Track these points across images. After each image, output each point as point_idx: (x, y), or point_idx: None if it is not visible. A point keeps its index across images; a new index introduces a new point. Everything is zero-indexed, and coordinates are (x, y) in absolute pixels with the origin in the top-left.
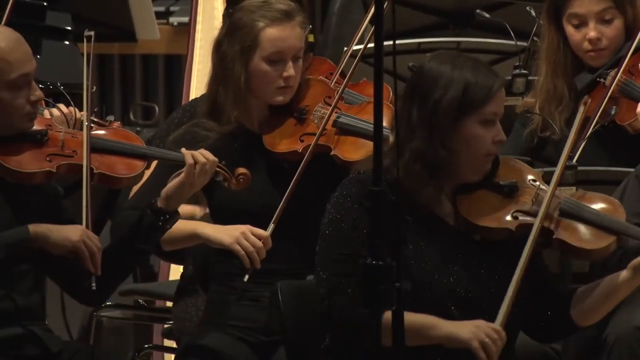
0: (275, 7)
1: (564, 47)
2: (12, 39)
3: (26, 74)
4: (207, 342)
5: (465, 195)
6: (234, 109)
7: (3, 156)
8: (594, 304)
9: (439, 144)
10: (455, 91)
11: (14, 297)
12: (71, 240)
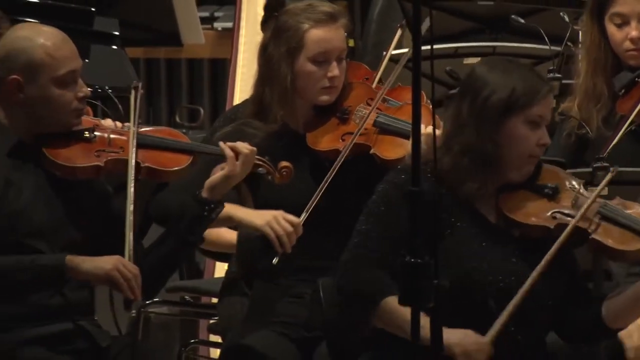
0: (319, 9)
1: (605, 47)
2: (58, 38)
3: (73, 70)
4: (252, 338)
5: (507, 193)
6: (280, 108)
7: (53, 150)
8: (625, 307)
9: (487, 139)
10: (504, 91)
11: (64, 293)
12: (104, 269)
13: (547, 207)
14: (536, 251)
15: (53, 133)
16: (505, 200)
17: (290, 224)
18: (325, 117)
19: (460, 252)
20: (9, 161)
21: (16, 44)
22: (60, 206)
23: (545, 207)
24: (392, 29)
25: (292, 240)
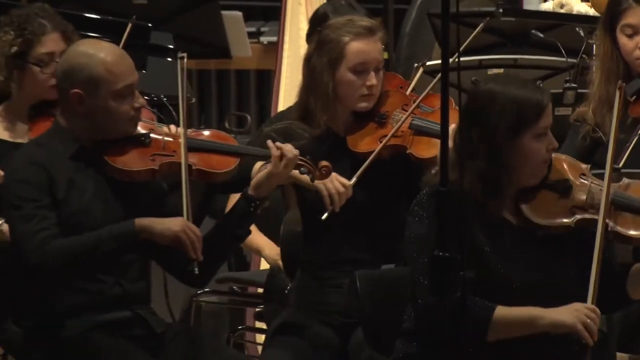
0: (359, 23)
1: (617, 56)
2: (116, 54)
3: (130, 84)
4: (294, 322)
5: (526, 199)
6: (323, 114)
7: (111, 157)
8: None
9: (500, 165)
10: (510, 114)
11: (122, 283)
12: (173, 230)
13: (564, 205)
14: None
15: (111, 140)
16: (524, 206)
17: (342, 184)
18: (364, 121)
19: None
20: (72, 165)
21: (78, 59)
22: (119, 204)
23: (562, 205)
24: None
25: (342, 199)
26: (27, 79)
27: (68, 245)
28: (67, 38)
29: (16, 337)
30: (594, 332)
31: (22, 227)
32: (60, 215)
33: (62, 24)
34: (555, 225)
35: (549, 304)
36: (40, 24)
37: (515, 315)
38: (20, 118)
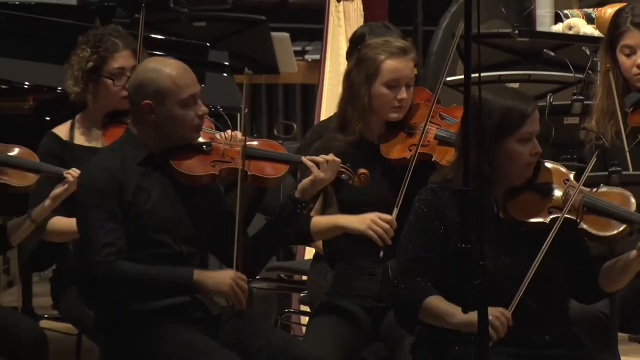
0: (393, 44)
1: (617, 72)
2: (181, 68)
3: (193, 94)
4: (334, 306)
5: (511, 197)
6: (358, 123)
7: (177, 162)
8: (615, 276)
9: (484, 162)
10: (496, 119)
11: None
12: (222, 290)
13: (543, 205)
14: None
15: (177, 146)
16: (509, 203)
17: (386, 222)
18: (395, 131)
19: None
20: (141, 170)
21: (148, 74)
22: (181, 206)
23: (542, 204)
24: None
25: (390, 234)
26: (101, 91)
27: (130, 273)
28: (136, 54)
29: (89, 320)
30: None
31: (90, 235)
32: (128, 216)
33: (132, 42)
34: (533, 222)
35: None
36: (113, 42)
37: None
38: (94, 125)
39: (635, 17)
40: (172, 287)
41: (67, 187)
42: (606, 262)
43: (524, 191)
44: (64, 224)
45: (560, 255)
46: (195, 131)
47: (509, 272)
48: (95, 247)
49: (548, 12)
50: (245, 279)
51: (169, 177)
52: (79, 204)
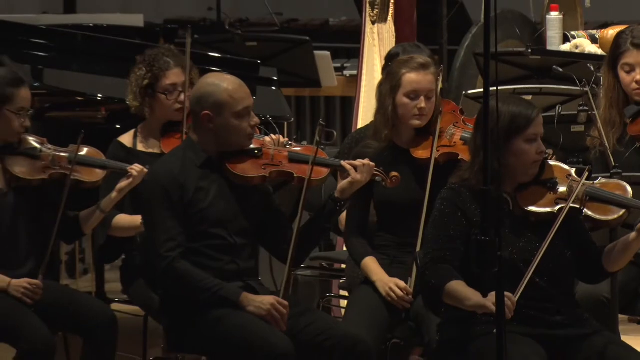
0: (416, 60)
1: (618, 87)
2: (236, 83)
3: (247, 106)
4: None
5: (522, 192)
6: (385, 129)
7: (232, 165)
8: (616, 256)
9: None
10: (504, 121)
11: (237, 262)
12: (260, 314)
13: (550, 197)
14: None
15: (233, 151)
16: (520, 197)
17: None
18: (423, 136)
19: None
20: (200, 172)
21: (207, 88)
22: (235, 203)
23: (549, 197)
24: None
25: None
26: (157, 105)
27: (187, 277)
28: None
29: (154, 303)
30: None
31: (153, 231)
32: (188, 212)
33: (183, 60)
34: (542, 212)
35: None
36: (165, 61)
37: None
38: (152, 134)
39: (634, 38)
40: (220, 300)
41: (131, 181)
42: (608, 245)
43: (531, 186)
44: (127, 221)
45: (566, 241)
46: (249, 139)
47: (522, 258)
48: (158, 242)
49: (557, 34)
50: (285, 304)
51: (225, 179)
52: (145, 202)
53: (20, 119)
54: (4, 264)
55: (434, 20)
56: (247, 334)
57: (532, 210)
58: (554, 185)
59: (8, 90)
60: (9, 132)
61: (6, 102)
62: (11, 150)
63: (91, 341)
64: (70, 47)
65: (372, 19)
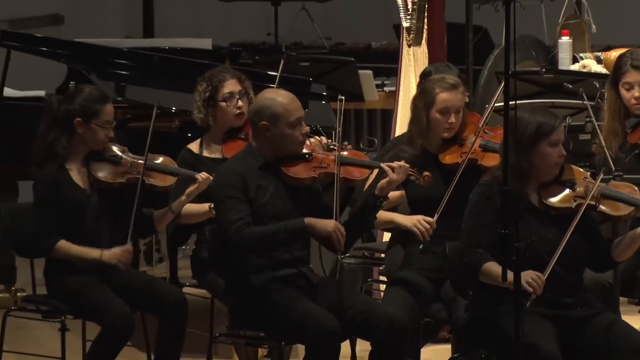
0: (447, 81)
1: (619, 102)
2: (289, 97)
3: (299, 117)
4: (405, 276)
5: (545, 189)
6: (419, 138)
7: (287, 168)
8: (624, 248)
9: (522, 161)
10: (531, 128)
11: (291, 251)
12: (327, 230)
13: (569, 195)
14: (567, 222)
15: (287, 155)
16: (543, 193)
17: (428, 223)
18: (450, 144)
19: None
20: (260, 173)
21: (264, 102)
22: (289, 200)
23: (568, 195)
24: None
25: (430, 233)
26: (218, 113)
27: (256, 232)
28: (241, 82)
29: (219, 287)
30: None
31: (226, 216)
32: (250, 207)
33: (237, 73)
34: (563, 207)
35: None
36: (222, 75)
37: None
38: (215, 141)
39: (633, 60)
40: (291, 234)
41: (198, 186)
42: (617, 239)
43: (553, 185)
44: (195, 208)
45: (581, 235)
46: (300, 145)
47: (543, 247)
48: (230, 224)
49: (567, 55)
50: (343, 230)
51: (280, 179)
52: (216, 197)
53: (105, 131)
54: None
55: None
56: (300, 313)
57: (553, 205)
58: (573, 185)
59: (96, 107)
60: (96, 142)
61: (94, 117)
62: (96, 157)
63: (166, 320)
64: (148, 67)
65: (408, 42)
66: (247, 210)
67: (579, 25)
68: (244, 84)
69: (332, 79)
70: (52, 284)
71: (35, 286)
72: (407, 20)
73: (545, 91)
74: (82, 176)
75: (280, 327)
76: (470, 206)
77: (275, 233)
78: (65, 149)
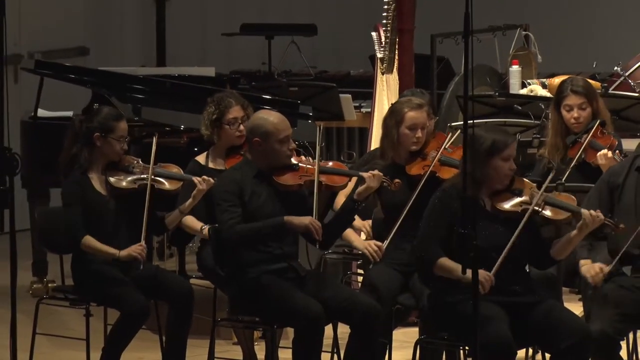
0: (414, 101)
1: (561, 121)
2: (280, 118)
3: (287, 135)
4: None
5: (495, 195)
6: (390, 152)
7: (277, 176)
8: (562, 247)
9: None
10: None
11: (282, 247)
12: (305, 223)
13: (516, 202)
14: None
15: (277, 166)
16: (494, 199)
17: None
18: (415, 157)
19: None
20: (254, 181)
21: (258, 121)
22: (280, 204)
23: (515, 201)
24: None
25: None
26: (223, 134)
27: (244, 229)
28: (244, 109)
29: (222, 278)
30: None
31: (221, 217)
32: (245, 211)
33: (242, 100)
34: (511, 210)
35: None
36: (228, 101)
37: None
38: (219, 155)
39: (573, 86)
40: (272, 229)
41: (202, 189)
42: (555, 240)
43: (503, 192)
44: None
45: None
46: (288, 158)
47: (494, 244)
48: (222, 223)
49: (517, 81)
50: (319, 224)
51: (272, 186)
52: (214, 201)
53: (120, 144)
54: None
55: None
56: (289, 301)
57: (503, 209)
58: (520, 193)
59: (112, 124)
60: (112, 154)
61: (110, 132)
62: (113, 167)
63: (175, 306)
64: (160, 91)
65: (382, 71)
66: (239, 212)
67: (527, 56)
68: (247, 110)
69: (317, 101)
70: (78, 276)
71: (64, 278)
72: (381, 52)
73: (498, 112)
74: (101, 184)
75: (273, 313)
76: (429, 207)
77: (259, 229)
78: (87, 160)
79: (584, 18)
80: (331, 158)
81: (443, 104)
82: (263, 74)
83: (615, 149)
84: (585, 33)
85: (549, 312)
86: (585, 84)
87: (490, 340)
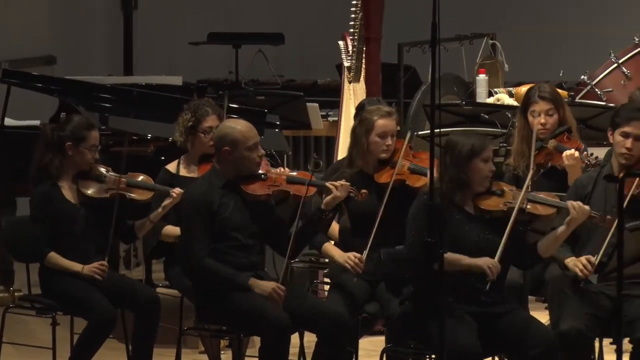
0: (382, 110)
1: (527, 127)
2: (248, 126)
3: (255, 142)
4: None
5: (479, 198)
6: (359, 160)
7: (245, 186)
8: (548, 244)
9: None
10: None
11: (249, 257)
12: (266, 291)
13: (500, 201)
14: (499, 225)
15: (245, 175)
16: (477, 201)
17: (357, 258)
18: (384, 166)
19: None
20: (222, 191)
21: (226, 130)
22: (248, 214)
23: (499, 201)
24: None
25: (360, 267)
26: (197, 141)
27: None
28: (220, 118)
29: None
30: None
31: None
32: (214, 220)
33: (218, 110)
34: (495, 211)
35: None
36: (205, 110)
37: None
38: (192, 163)
39: (540, 92)
40: (234, 285)
41: (172, 200)
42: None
43: (485, 194)
44: (172, 231)
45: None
46: (257, 166)
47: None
48: (191, 251)
49: (484, 90)
50: (283, 289)
51: (240, 196)
52: (184, 214)
53: (92, 153)
54: (80, 258)
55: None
56: (256, 310)
57: (487, 208)
58: (502, 193)
59: (83, 133)
60: (83, 163)
61: (82, 141)
62: (84, 176)
63: (141, 315)
64: (127, 100)
65: (349, 79)
66: (206, 235)
67: (494, 65)
68: (223, 118)
69: (284, 110)
70: (45, 285)
71: (30, 287)
72: (347, 61)
73: (465, 121)
74: (72, 192)
75: (240, 322)
76: (412, 212)
77: (224, 278)
78: (58, 169)
79: (551, 27)
80: (298, 167)
81: (410, 113)
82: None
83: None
84: (552, 42)
85: (517, 320)
86: (552, 91)
87: (457, 349)
